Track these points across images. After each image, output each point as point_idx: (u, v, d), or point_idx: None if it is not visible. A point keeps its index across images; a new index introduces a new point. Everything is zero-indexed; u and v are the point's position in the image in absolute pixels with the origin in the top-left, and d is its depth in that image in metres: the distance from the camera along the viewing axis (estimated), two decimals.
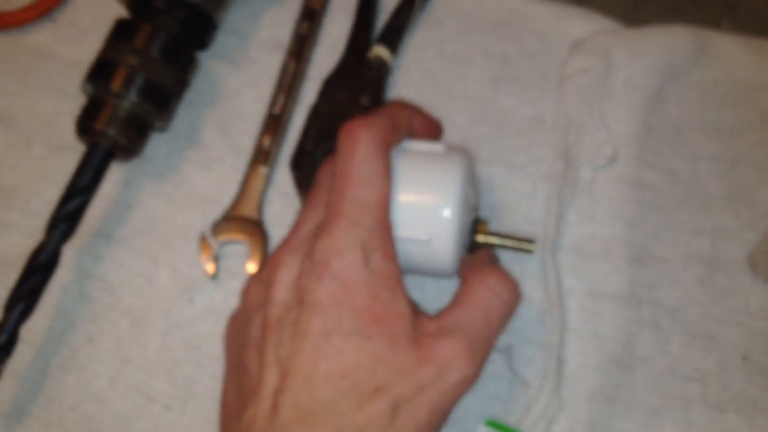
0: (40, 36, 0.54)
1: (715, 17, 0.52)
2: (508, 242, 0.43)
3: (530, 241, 0.43)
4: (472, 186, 0.42)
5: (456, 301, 0.38)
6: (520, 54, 0.51)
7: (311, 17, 0.53)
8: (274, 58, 0.53)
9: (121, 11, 0.51)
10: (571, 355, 0.43)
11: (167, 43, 0.48)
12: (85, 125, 0.48)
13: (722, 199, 0.46)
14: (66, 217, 0.46)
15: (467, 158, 0.41)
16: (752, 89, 0.48)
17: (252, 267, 0.48)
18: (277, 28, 0.53)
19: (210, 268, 0.48)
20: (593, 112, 0.48)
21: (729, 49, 0.49)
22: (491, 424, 0.42)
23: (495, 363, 0.44)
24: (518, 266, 0.45)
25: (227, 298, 0.48)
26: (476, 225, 0.43)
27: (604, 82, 0.48)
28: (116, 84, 0.47)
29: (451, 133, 0.49)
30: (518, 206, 0.47)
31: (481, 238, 0.43)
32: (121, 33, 0.49)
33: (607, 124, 0.47)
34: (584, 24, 0.51)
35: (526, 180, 0.47)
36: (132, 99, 0.47)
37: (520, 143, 0.49)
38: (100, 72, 0.48)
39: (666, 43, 0.48)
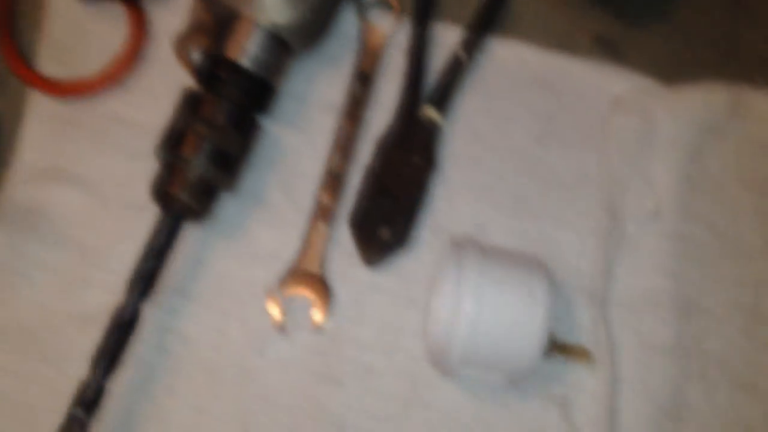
0: (114, 102, 0.58)
1: (749, 73, 0.54)
2: (567, 356, 0.47)
3: (588, 355, 0.46)
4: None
5: None
6: (563, 111, 0.54)
7: (364, 80, 0.57)
8: (331, 119, 0.56)
9: (188, 77, 0.54)
10: (622, 405, 0.45)
11: (232, 111, 0.52)
12: (159, 190, 0.51)
13: (763, 250, 0.48)
14: (144, 278, 0.50)
15: (551, 296, 0.45)
16: None
17: (317, 316, 0.51)
18: (332, 90, 0.57)
19: (277, 321, 0.51)
20: (635, 168, 0.51)
21: (764, 104, 0.51)
22: None
23: (551, 414, 0.46)
24: (568, 318, 0.48)
25: (294, 349, 0.51)
26: None
27: (644, 139, 0.51)
28: (186, 151, 0.51)
29: (499, 189, 0.52)
30: (567, 260, 0.50)
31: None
32: (189, 103, 0.52)
33: (649, 180, 0.50)
34: (623, 82, 0.53)
35: (573, 234, 0.50)
36: (201, 165, 0.51)
37: (566, 198, 0.51)
38: (171, 140, 0.51)
39: (703, 101, 0.51)
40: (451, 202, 0.54)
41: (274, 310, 0.52)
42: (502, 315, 0.44)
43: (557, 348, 0.46)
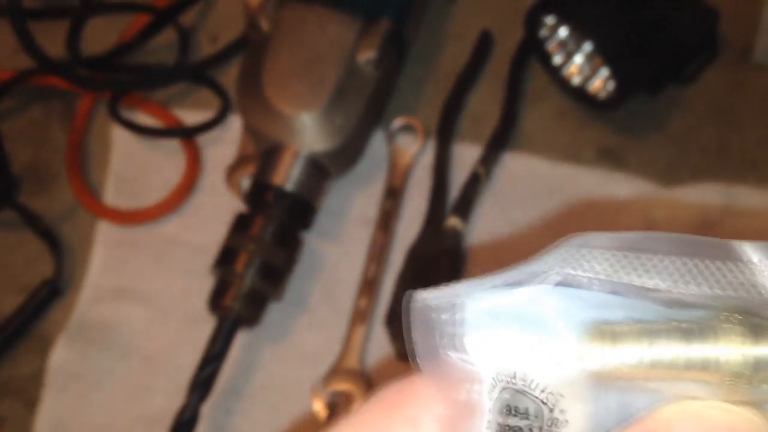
0: (170, 226, 0.65)
1: (740, 174, 0.60)
2: None
3: None
4: None
5: None
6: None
7: (394, 195, 0.64)
8: (365, 231, 0.62)
9: (235, 202, 0.62)
10: None
11: (278, 230, 0.59)
12: (216, 303, 0.58)
13: None
14: (203, 382, 0.55)
15: None
16: None
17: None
18: (366, 206, 0.64)
19: (323, 415, 0.56)
20: None
21: (754, 201, 0.57)
22: None
23: None
24: None
25: None
26: None
27: None
28: (239, 267, 0.57)
29: None
30: None
31: None
32: (240, 224, 0.59)
33: None
34: (626, 186, 0.60)
35: None
36: (252, 278, 0.57)
37: None
38: (225, 258, 0.58)
39: (698, 200, 0.57)
40: None
41: (319, 406, 0.57)
42: None
43: None
